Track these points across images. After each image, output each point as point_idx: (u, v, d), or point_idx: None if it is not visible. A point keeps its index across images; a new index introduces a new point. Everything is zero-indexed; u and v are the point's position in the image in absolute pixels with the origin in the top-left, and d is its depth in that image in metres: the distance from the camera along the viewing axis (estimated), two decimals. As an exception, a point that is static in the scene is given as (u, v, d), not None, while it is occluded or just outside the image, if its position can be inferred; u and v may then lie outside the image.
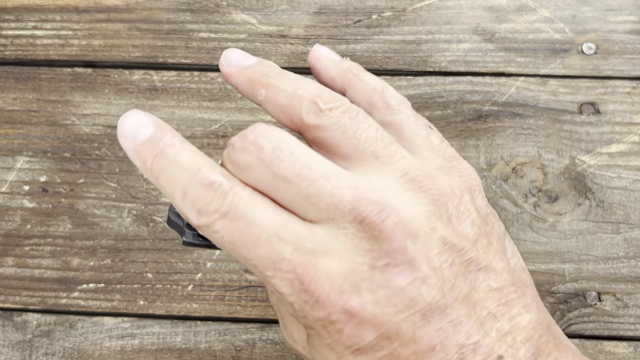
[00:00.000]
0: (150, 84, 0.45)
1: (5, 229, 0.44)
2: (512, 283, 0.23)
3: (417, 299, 0.21)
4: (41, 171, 0.44)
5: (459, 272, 0.22)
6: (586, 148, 0.43)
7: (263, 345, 0.42)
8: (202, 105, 0.45)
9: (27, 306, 0.43)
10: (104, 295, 0.43)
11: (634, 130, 0.43)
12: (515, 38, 0.45)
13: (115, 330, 0.42)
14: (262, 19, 0.46)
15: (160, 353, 0.42)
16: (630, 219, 0.42)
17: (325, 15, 0.46)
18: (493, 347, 0.22)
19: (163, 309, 0.42)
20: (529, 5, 0.45)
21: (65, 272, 0.43)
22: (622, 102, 0.44)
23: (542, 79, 0.44)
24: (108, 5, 0.46)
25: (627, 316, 0.41)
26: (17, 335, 0.43)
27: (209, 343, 0.42)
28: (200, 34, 0.46)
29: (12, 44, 0.46)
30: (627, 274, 0.41)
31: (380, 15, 0.45)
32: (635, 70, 0.44)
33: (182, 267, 0.43)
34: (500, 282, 0.23)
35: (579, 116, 0.44)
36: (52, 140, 0.45)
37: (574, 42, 0.44)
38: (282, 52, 0.45)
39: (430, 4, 0.46)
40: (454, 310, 0.22)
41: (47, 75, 0.46)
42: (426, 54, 0.45)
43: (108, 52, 0.46)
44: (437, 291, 0.22)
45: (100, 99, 0.45)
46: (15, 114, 0.45)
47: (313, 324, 0.22)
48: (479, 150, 0.43)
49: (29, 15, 0.46)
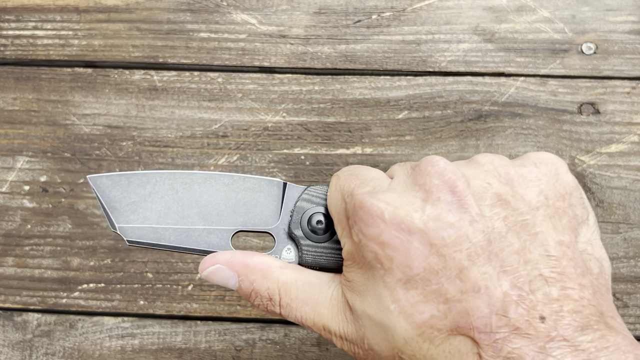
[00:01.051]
0: (150, 84, 0.45)
1: (6, 229, 0.44)
2: (571, 259, 0.24)
3: (463, 238, 0.23)
4: (41, 171, 0.44)
5: (512, 228, 0.23)
6: (586, 148, 0.43)
7: (263, 345, 0.42)
8: (202, 105, 0.45)
9: (27, 306, 0.43)
10: (104, 295, 0.43)
11: (634, 130, 0.43)
12: (515, 38, 0.45)
13: (115, 330, 0.42)
14: (262, 19, 0.46)
15: (161, 353, 0.42)
16: (630, 218, 0.42)
17: (325, 15, 0.46)
18: (536, 306, 0.22)
19: (163, 309, 0.42)
20: (529, 5, 0.45)
21: (66, 272, 0.43)
22: (621, 102, 0.44)
23: (542, 79, 0.44)
24: (108, 5, 0.46)
25: (627, 316, 0.41)
26: (17, 335, 0.43)
27: (209, 343, 0.42)
28: (200, 34, 0.46)
29: (12, 44, 0.46)
30: (627, 274, 0.41)
31: (380, 15, 0.46)
32: (634, 70, 0.44)
33: (182, 267, 0.43)
34: (559, 253, 0.23)
35: (578, 116, 0.44)
36: (52, 140, 0.45)
37: (573, 42, 0.45)
38: (282, 52, 0.45)
39: (430, 4, 0.46)
40: (500, 260, 0.23)
41: (47, 75, 0.46)
42: (426, 54, 0.45)
43: (108, 52, 0.46)
44: (483, 236, 0.23)
45: (100, 99, 0.45)
46: (16, 114, 0.45)
47: (367, 253, 0.24)
48: (478, 150, 0.43)
49: (29, 15, 0.47)
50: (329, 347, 0.42)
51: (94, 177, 0.29)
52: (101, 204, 0.29)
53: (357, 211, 0.25)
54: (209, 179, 0.29)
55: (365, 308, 0.25)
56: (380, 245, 0.24)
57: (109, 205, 0.29)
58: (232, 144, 0.44)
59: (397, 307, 0.24)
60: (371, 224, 0.24)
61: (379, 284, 0.24)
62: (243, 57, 0.45)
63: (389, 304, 0.24)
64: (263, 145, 0.44)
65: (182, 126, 0.45)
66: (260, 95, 0.45)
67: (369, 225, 0.24)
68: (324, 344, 0.42)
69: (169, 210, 0.29)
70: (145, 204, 0.29)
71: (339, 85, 0.44)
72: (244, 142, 0.44)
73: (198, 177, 0.29)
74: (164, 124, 0.45)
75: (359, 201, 0.25)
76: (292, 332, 0.42)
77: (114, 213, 0.29)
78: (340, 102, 0.44)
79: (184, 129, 0.44)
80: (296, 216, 0.29)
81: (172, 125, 0.45)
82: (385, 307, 0.24)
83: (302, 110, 0.44)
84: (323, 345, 0.42)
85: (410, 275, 0.23)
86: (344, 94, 0.44)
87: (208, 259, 0.28)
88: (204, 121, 0.44)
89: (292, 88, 0.45)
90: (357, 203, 0.25)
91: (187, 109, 0.45)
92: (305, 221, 0.29)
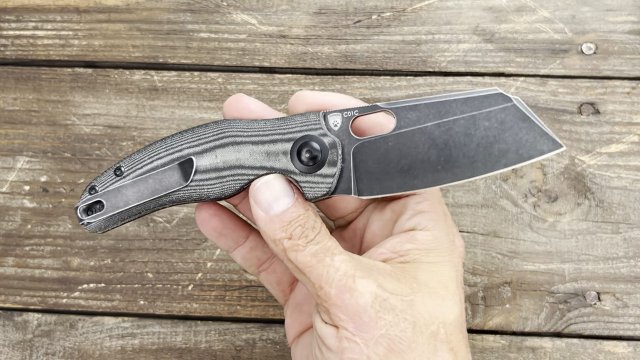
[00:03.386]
0: (150, 84, 0.45)
1: (6, 229, 0.44)
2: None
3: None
4: (41, 171, 0.44)
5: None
6: (586, 148, 0.43)
7: (263, 345, 0.42)
8: (202, 105, 0.45)
9: (27, 306, 0.43)
10: (105, 295, 0.43)
11: (634, 130, 0.43)
12: (515, 38, 0.45)
13: (115, 330, 0.42)
14: (262, 19, 0.46)
15: (161, 353, 0.42)
16: (630, 218, 0.42)
17: (325, 15, 0.46)
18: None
19: (163, 309, 0.43)
20: (529, 5, 0.45)
21: (66, 272, 0.43)
22: (621, 102, 0.44)
23: (542, 79, 0.44)
24: (108, 6, 0.46)
25: (627, 316, 0.41)
26: (17, 335, 0.43)
27: (209, 343, 0.42)
28: (200, 34, 0.46)
29: (12, 44, 0.46)
30: (627, 274, 0.41)
31: (380, 15, 0.46)
32: (634, 70, 0.44)
33: (182, 267, 0.43)
34: None
35: (578, 116, 0.44)
36: (53, 140, 0.45)
37: (573, 42, 0.45)
38: (282, 52, 0.45)
39: (430, 4, 0.46)
40: None
41: (48, 76, 0.46)
42: (426, 54, 0.45)
43: (108, 52, 0.46)
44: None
45: (100, 99, 0.45)
46: (16, 114, 0.45)
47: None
48: (478, 150, 0.43)
49: (29, 15, 0.47)
50: (329, 347, 0.42)
51: None
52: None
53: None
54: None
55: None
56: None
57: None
58: (232, 144, 0.44)
59: None
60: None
61: None
62: (243, 57, 0.45)
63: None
64: (263, 145, 0.44)
65: (182, 126, 0.45)
66: (260, 95, 0.45)
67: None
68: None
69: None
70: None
71: (339, 85, 0.45)
72: (244, 142, 0.44)
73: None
74: (164, 124, 0.45)
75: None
76: (292, 332, 0.42)
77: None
78: (340, 102, 0.44)
79: (184, 129, 0.44)
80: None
81: (172, 125, 0.45)
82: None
83: (302, 111, 0.44)
84: (323, 345, 0.42)
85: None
86: (343, 94, 0.44)
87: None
88: (203, 121, 0.45)
89: (292, 88, 0.45)
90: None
91: (187, 109, 0.45)
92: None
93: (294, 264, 0.28)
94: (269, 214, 0.28)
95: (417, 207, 0.30)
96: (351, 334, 0.27)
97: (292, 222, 0.28)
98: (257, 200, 0.29)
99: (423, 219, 0.30)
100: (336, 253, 0.28)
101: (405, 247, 0.29)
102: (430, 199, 0.31)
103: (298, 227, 0.28)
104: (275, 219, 0.28)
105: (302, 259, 0.28)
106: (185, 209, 0.43)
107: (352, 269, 0.27)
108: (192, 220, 0.43)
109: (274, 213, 0.28)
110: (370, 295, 0.27)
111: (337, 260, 0.27)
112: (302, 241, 0.28)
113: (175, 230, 0.43)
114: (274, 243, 0.28)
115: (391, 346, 0.26)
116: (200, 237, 0.43)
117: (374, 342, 0.26)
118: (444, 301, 0.28)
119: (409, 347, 0.26)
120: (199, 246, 0.43)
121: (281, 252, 0.28)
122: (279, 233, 0.28)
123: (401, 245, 0.29)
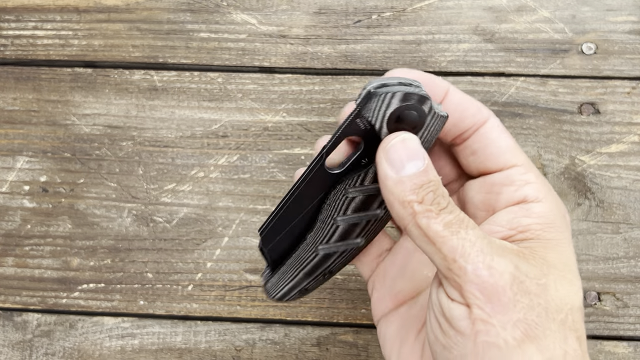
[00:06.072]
0: (150, 84, 0.45)
1: (6, 229, 0.44)
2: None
3: None
4: (41, 171, 0.44)
5: None
6: (586, 148, 0.43)
7: (263, 345, 0.42)
8: (202, 105, 0.45)
9: (27, 306, 0.43)
10: (104, 295, 0.43)
11: (634, 130, 0.43)
12: (515, 38, 0.45)
13: (115, 330, 0.42)
14: (262, 19, 0.46)
15: (160, 353, 0.42)
16: (630, 219, 0.42)
17: (325, 15, 0.46)
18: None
19: (163, 309, 0.42)
20: (529, 5, 0.45)
21: (66, 272, 0.43)
22: (621, 102, 0.44)
23: (542, 79, 0.44)
24: (108, 6, 0.46)
25: (627, 316, 0.41)
26: (17, 335, 0.43)
27: (209, 343, 0.42)
28: (200, 34, 0.46)
29: (12, 44, 0.46)
30: (627, 274, 0.41)
31: (380, 15, 0.46)
32: (634, 70, 0.44)
33: (182, 267, 0.43)
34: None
35: (578, 116, 0.44)
36: (52, 140, 0.45)
37: (573, 42, 0.45)
38: (282, 52, 0.45)
39: (430, 4, 0.46)
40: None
41: (47, 75, 0.46)
42: (426, 54, 0.45)
43: (108, 52, 0.46)
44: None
45: (100, 99, 0.45)
46: (16, 114, 0.45)
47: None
48: (478, 150, 0.43)
49: (29, 15, 0.47)
50: (329, 347, 0.42)
51: None
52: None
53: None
54: None
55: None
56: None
57: None
58: (232, 144, 0.44)
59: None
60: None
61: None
62: (243, 57, 0.45)
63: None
64: (263, 146, 0.44)
65: (182, 126, 0.45)
66: (260, 95, 0.45)
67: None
68: (324, 344, 0.42)
69: None
70: None
71: (339, 85, 0.44)
72: (244, 142, 0.44)
73: None
74: (164, 124, 0.45)
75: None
76: (292, 332, 0.42)
77: None
78: (340, 102, 0.44)
79: (184, 129, 0.44)
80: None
81: (172, 125, 0.45)
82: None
83: (302, 110, 0.44)
84: (323, 345, 0.42)
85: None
86: (344, 94, 0.44)
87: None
88: (204, 121, 0.44)
89: (292, 88, 0.45)
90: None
91: (187, 109, 0.45)
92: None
93: (423, 231, 0.25)
94: (399, 175, 0.26)
95: (523, 177, 0.28)
96: (488, 315, 0.24)
97: (424, 187, 0.26)
98: (389, 158, 0.26)
99: (532, 190, 0.28)
100: (470, 227, 0.25)
101: (524, 222, 0.27)
102: (534, 171, 0.29)
103: (430, 193, 0.26)
104: (407, 179, 0.26)
105: (435, 227, 0.25)
106: (185, 209, 0.43)
107: (487, 246, 0.25)
108: (192, 220, 0.43)
109: (406, 174, 0.26)
110: (509, 276, 0.25)
111: (472, 235, 0.25)
112: (435, 207, 0.25)
113: (175, 230, 0.43)
114: (401, 205, 0.26)
115: (528, 331, 0.24)
116: (200, 237, 0.43)
117: (512, 325, 0.24)
118: (571, 286, 0.26)
119: (544, 334, 0.24)
120: (198, 246, 0.43)
121: (409, 217, 0.26)
122: (409, 195, 0.25)
123: (518, 220, 0.27)
